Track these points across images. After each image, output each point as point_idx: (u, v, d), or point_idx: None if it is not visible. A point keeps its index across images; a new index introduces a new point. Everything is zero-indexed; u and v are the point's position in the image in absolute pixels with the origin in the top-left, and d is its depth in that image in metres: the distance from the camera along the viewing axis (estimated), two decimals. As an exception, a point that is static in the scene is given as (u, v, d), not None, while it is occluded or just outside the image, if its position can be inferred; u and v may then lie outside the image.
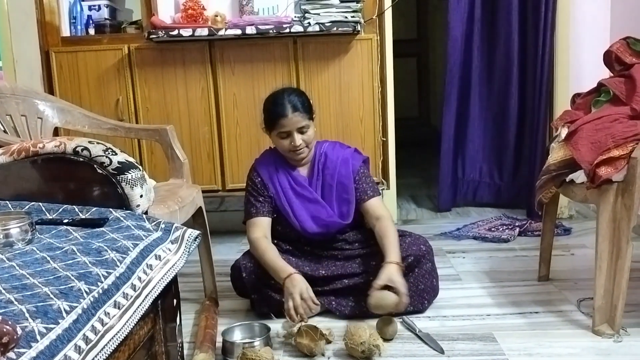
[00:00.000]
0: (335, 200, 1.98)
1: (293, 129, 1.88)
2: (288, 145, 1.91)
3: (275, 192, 1.97)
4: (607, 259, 1.69)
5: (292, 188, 1.98)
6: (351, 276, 1.93)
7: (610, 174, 1.64)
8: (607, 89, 1.88)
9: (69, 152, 1.38)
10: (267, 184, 1.97)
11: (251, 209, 1.97)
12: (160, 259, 1.23)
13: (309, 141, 1.93)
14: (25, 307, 0.85)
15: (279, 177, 1.98)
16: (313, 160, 2.01)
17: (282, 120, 1.87)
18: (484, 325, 1.83)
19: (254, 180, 1.99)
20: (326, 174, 1.99)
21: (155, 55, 2.67)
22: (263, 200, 1.97)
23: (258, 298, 1.93)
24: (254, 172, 2.01)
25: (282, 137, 1.90)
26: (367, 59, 2.67)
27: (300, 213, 1.97)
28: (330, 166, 1.99)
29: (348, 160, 2.00)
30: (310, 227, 1.96)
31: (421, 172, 4.41)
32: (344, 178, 1.98)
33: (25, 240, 1.15)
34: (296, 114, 1.87)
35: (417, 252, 1.93)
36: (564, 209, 3.01)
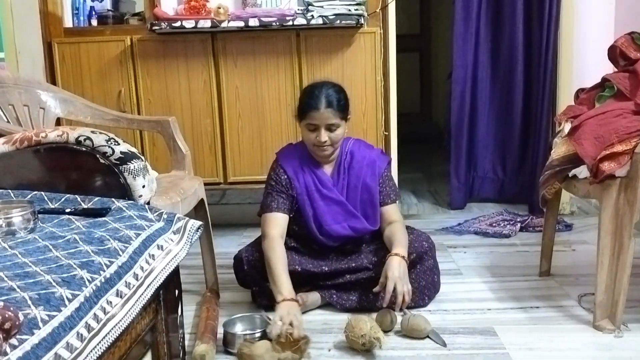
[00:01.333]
0: (359, 202, 1.94)
1: (322, 124, 1.83)
2: (313, 139, 1.86)
3: (300, 192, 1.92)
4: (609, 254, 1.69)
5: (318, 190, 1.92)
6: (354, 271, 1.92)
7: (613, 169, 1.64)
8: (611, 84, 1.87)
9: (72, 142, 1.38)
10: (293, 182, 1.92)
11: (272, 203, 1.91)
12: (163, 249, 1.23)
13: (335, 140, 1.87)
14: (28, 295, 0.85)
15: (304, 177, 1.92)
16: (338, 160, 1.96)
17: (312, 113, 1.83)
18: (484, 320, 1.83)
19: (279, 176, 1.93)
20: (351, 174, 1.94)
21: (158, 47, 2.67)
22: (285, 198, 1.91)
23: (259, 290, 1.93)
24: (280, 168, 1.94)
25: (310, 130, 1.86)
26: (370, 53, 2.66)
27: (325, 217, 1.92)
28: (356, 166, 1.95)
29: (375, 162, 1.97)
30: (335, 231, 1.92)
31: (422, 168, 4.41)
32: (370, 180, 1.94)
33: (28, 229, 1.15)
34: (329, 110, 1.82)
35: (420, 249, 1.93)
36: (565, 205, 3.01)
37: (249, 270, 1.93)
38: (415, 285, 1.89)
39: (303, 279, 1.90)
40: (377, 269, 1.85)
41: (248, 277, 1.95)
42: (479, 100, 3.12)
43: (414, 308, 1.88)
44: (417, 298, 1.90)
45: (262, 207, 1.95)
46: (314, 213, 1.92)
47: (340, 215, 1.93)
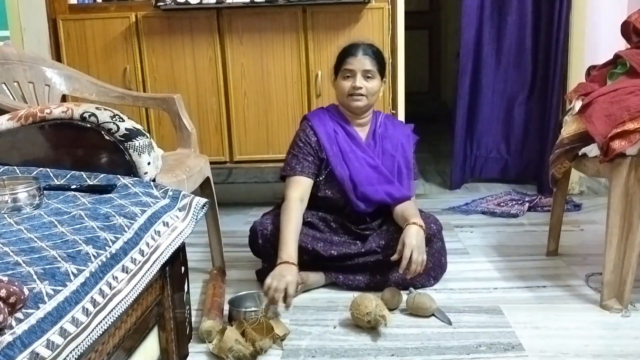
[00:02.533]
0: (396, 172, 1.95)
1: (358, 69, 1.85)
2: (348, 88, 1.86)
3: (332, 154, 1.89)
4: (618, 233, 1.67)
5: (353, 151, 1.90)
6: (362, 255, 1.91)
7: (624, 147, 1.61)
8: (624, 60, 1.83)
9: (77, 118, 1.37)
10: (323, 144, 1.89)
11: (296, 166, 1.88)
12: (168, 225, 1.23)
13: (371, 91, 1.88)
14: (33, 269, 0.85)
15: (337, 137, 1.91)
16: (372, 126, 1.97)
17: (349, 59, 1.86)
18: (490, 298, 1.83)
19: (309, 137, 1.90)
20: (387, 142, 1.96)
21: (163, 23, 2.64)
22: (312, 161, 1.89)
23: (268, 266, 1.92)
24: (310, 129, 1.91)
25: (345, 77, 1.87)
26: (378, 29, 2.62)
27: (360, 179, 1.89)
28: (392, 136, 1.97)
29: (410, 136, 2.03)
30: (370, 195, 1.90)
31: (430, 147, 4.37)
32: (408, 153, 1.99)
33: (33, 205, 1.15)
34: (366, 57, 1.86)
35: (428, 232, 1.89)
36: (574, 185, 2.98)
37: (263, 244, 1.91)
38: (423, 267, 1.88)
39: (310, 259, 1.90)
40: (385, 252, 1.85)
41: (262, 251, 1.93)
42: (485, 78, 3.07)
43: (420, 288, 1.88)
44: (423, 279, 1.90)
45: (286, 169, 1.91)
46: (350, 174, 1.90)
47: (374, 178, 1.92)
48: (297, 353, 1.53)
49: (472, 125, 3.17)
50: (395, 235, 1.86)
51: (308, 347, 1.56)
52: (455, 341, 1.57)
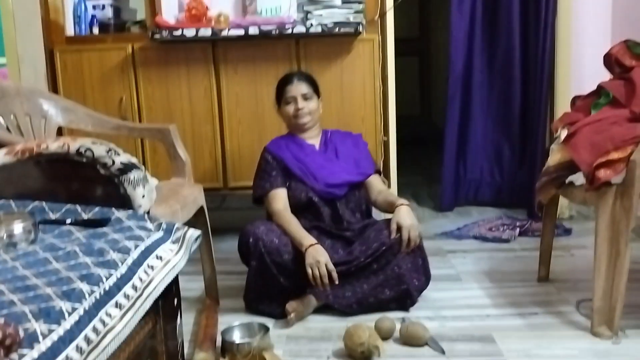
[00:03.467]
0: (352, 160, 2.15)
1: (297, 94, 2.11)
2: (292, 111, 2.11)
3: (287, 158, 2.10)
4: (606, 260, 1.70)
5: (305, 154, 2.13)
6: (344, 263, 1.93)
7: (609, 176, 1.65)
8: (607, 91, 1.88)
9: (73, 153, 1.39)
10: (278, 156, 2.11)
11: (265, 184, 2.08)
12: (162, 259, 1.24)
13: (312, 110, 2.13)
14: (28, 308, 0.87)
15: (290, 148, 2.13)
16: (323, 137, 2.20)
17: (288, 87, 2.13)
18: (483, 326, 1.84)
19: (266, 158, 2.14)
20: (338, 144, 2.18)
21: (159, 54, 2.69)
22: (276, 174, 2.09)
23: (257, 266, 1.92)
24: (265, 152, 2.16)
25: (288, 103, 2.13)
26: (368, 59, 2.68)
27: (317, 170, 2.09)
28: (341, 140, 2.21)
29: (358, 138, 2.27)
30: (331, 179, 2.07)
31: (423, 171, 4.42)
32: (359, 148, 2.21)
33: (29, 240, 1.17)
34: (301, 82, 2.14)
35: None
36: (564, 209, 3.02)
37: (254, 242, 1.92)
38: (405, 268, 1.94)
39: (295, 272, 1.91)
40: (366, 254, 1.93)
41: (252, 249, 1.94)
42: (474, 103, 3.13)
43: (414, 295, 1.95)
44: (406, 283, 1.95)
45: (258, 191, 2.12)
46: (308, 169, 2.09)
47: (329, 165, 2.12)
48: (290, 384, 1.54)
49: (463, 150, 3.21)
50: (375, 242, 1.94)
51: (301, 377, 1.57)
52: (448, 370, 1.58)
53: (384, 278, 1.92)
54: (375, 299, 1.92)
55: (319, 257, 1.86)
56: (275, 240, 1.94)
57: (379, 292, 1.92)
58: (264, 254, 1.91)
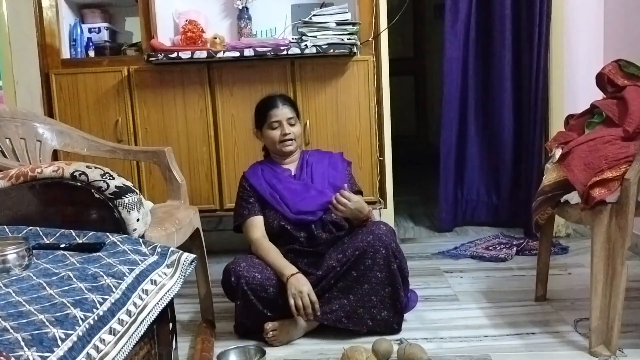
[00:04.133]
0: (328, 185, 2.08)
1: (283, 119, 2.06)
2: (279, 136, 2.06)
3: (261, 185, 2.07)
4: (602, 280, 1.70)
5: (278, 179, 2.09)
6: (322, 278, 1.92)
7: (604, 195, 1.66)
8: (600, 110, 1.90)
9: (67, 177, 1.40)
10: (253, 185, 2.09)
11: (244, 212, 2.07)
12: (156, 283, 1.24)
13: (296, 135, 2.09)
14: (21, 336, 0.86)
15: (264, 175, 2.11)
16: (300, 161, 2.15)
17: (273, 111, 2.06)
18: (481, 347, 1.82)
19: (243, 185, 2.12)
20: (316, 167, 2.12)
21: (155, 77, 2.70)
22: (253, 202, 2.07)
23: (242, 305, 1.91)
24: (243, 179, 2.14)
25: (273, 128, 2.06)
26: (363, 80, 2.70)
27: (289, 197, 2.05)
28: (319, 161, 2.15)
29: (337, 161, 2.18)
30: (304, 207, 2.03)
31: (419, 190, 4.42)
32: (337, 169, 2.14)
33: (22, 266, 1.16)
34: (286, 106, 2.08)
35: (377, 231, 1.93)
36: (561, 228, 3.02)
37: (236, 281, 1.90)
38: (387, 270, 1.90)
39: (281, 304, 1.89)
40: (342, 262, 1.91)
41: (235, 288, 1.91)
42: (469, 124, 3.15)
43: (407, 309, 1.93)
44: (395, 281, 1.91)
45: (237, 218, 2.10)
46: (280, 196, 2.05)
47: (304, 192, 2.07)
48: (286, 408, 1.52)
49: (460, 171, 3.21)
50: (349, 248, 1.93)
51: (298, 401, 1.55)
52: (446, 392, 1.57)
53: (369, 287, 1.89)
54: (364, 309, 1.89)
55: (301, 287, 1.84)
56: (258, 275, 1.90)
57: (366, 302, 1.89)
58: (247, 292, 1.88)
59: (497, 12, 3.02)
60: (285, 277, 1.87)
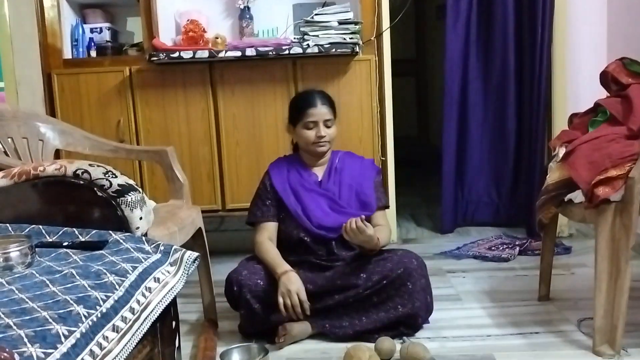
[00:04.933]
0: (354, 199, 2.01)
1: (320, 119, 1.95)
2: (313, 137, 1.96)
3: (284, 190, 2.00)
4: (606, 279, 1.69)
5: (302, 185, 2.01)
6: (341, 290, 1.90)
7: (608, 194, 1.65)
8: (604, 109, 1.89)
9: (70, 175, 1.39)
10: (277, 189, 2.01)
11: (257, 212, 2.02)
12: (159, 281, 1.23)
13: (332, 137, 1.99)
14: (24, 332, 0.85)
15: (289, 177, 2.03)
16: (330, 164, 2.06)
17: (310, 110, 1.95)
18: (484, 346, 1.82)
19: (264, 183, 2.05)
20: (344, 174, 2.04)
21: (157, 76, 2.70)
22: (269, 205, 2.01)
23: (246, 315, 1.90)
24: (266, 175, 2.06)
25: (309, 128, 1.96)
26: (365, 80, 2.70)
27: (312, 208, 1.97)
28: (349, 167, 2.05)
29: (367, 167, 2.09)
30: (324, 221, 1.95)
31: (421, 191, 4.42)
32: (366, 180, 2.04)
33: (25, 264, 1.15)
34: (325, 106, 1.97)
35: (408, 265, 1.89)
36: (564, 228, 3.01)
37: (238, 290, 1.89)
38: (410, 306, 1.87)
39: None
40: (366, 285, 1.87)
41: (238, 299, 1.91)
42: (471, 124, 3.15)
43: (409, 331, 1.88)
44: (411, 320, 1.89)
45: (250, 217, 2.06)
46: (301, 207, 1.98)
47: (327, 206, 1.99)
48: (290, 407, 1.51)
49: (461, 171, 3.21)
50: (369, 265, 1.89)
51: (301, 401, 1.54)
52: (450, 392, 1.56)
53: (385, 315, 1.85)
54: (371, 333, 1.86)
55: (290, 286, 1.79)
56: (260, 282, 1.88)
57: (379, 326, 1.86)
58: (249, 301, 1.86)
59: (499, 12, 3.02)
60: (277, 274, 1.84)
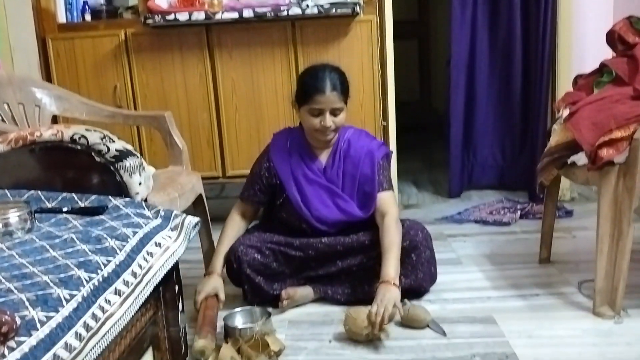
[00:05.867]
0: (356, 192, 1.91)
1: (327, 108, 1.80)
2: (317, 125, 1.82)
3: (285, 178, 1.90)
4: (608, 241, 1.69)
5: (304, 175, 1.91)
6: (344, 256, 1.90)
7: (611, 155, 1.63)
8: (610, 69, 1.86)
9: (67, 140, 1.38)
10: (275, 171, 1.91)
11: (245, 191, 1.98)
12: (160, 246, 1.23)
13: (339, 125, 1.85)
14: (25, 296, 0.85)
15: (291, 162, 1.91)
16: (335, 147, 1.93)
17: (318, 96, 1.79)
18: (484, 308, 1.83)
19: (261, 165, 1.94)
20: (348, 162, 1.91)
21: (152, 40, 2.65)
22: (257, 190, 1.94)
23: (249, 289, 1.91)
24: (266, 156, 1.95)
25: (313, 115, 1.82)
26: (366, 42, 2.64)
27: (313, 201, 1.90)
28: (353, 155, 1.92)
29: (373, 152, 1.93)
30: (325, 216, 1.90)
31: (423, 156, 4.40)
32: (368, 170, 1.90)
33: (25, 229, 1.15)
34: (334, 93, 1.80)
35: (414, 237, 1.88)
36: (565, 191, 3.00)
37: (237, 266, 1.88)
38: (413, 277, 1.88)
39: (295, 266, 1.90)
40: (368, 254, 1.86)
41: (241, 276, 1.91)
42: (477, 87, 3.11)
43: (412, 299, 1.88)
44: (414, 291, 1.90)
45: (242, 191, 2.00)
46: (302, 198, 1.90)
47: (329, 199, 1.91)
48: (292, 369, 1.53)
49: (467, 135, 3.18)
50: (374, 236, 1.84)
51: (304, 362, 1.56)
52: (450, 352, 1.58)
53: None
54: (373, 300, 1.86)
55: (198, 286, 1.82)
56: (258, 256, 1.87)
57: None
58: (250, 275, 1.86)
59: (505, -29, 2.94)
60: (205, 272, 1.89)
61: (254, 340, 1.54)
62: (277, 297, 1.88)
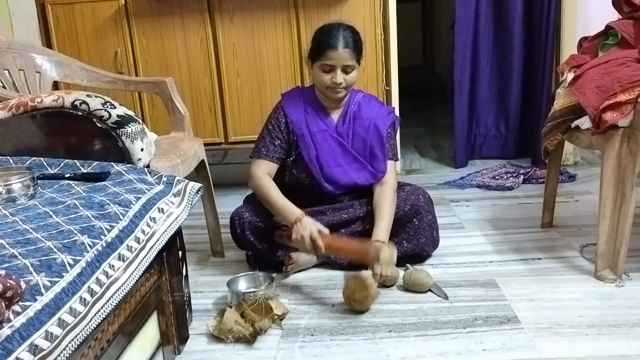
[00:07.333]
0: (368, 154, 1.93)
1: (339, 64, 1.80)
2: (328, 81, 1.82)
3: (301, 134, 1.89)
4: (611, 204, 1.69)
5: (321, 131, 1.90)
6: (347, 224, 1.92)
7: (616, 119, 1.62)
8: (615, 31, 1.82)
9: (68, 106, 1.37)
10: (293, 125, 1.90)
11: (262, 149, 1.90)
12: (163, 211, 1.24)
13: (350, 83, 1.84)
14: (29, 262, 0.86)
15: (307, 118, 1.90)
16: (345, 108, 1.94)
17: (330, 52, 1.78)
18: (486, 272, 1.85)
19: (279, 120, 1.91)
20: (357, 124, 1.92)
21: (152, 5, 2.61)
22: (279, 145, 1.90)
23: (253, 255, 1.93)
24: (281, 110, 1.92)
25: (325, 71, 1.81)
26: (369, 5, 2.59)
27: (326, 158, 1.91)
28: (364, 117, 1.92)
29: (385, 116, 1.95)
30: (336, 176, 1.91)
31: (425, 121, 4.38)
32: (382, 134, 1.92)
33: (28, 195, 1.16)
34: (347, 50, 1.79)
35: (416, 202, 1.90)
36: (569, 156, 2.99)
37: (241, 233, 1.91)
38: (415, 242, 1.90)
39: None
40: (370, 220, 1.87)
41: (243, 240, 1.94)
42: (480, 52, 3.05)
43: (415, 264, 1.90)
44: (416, 255, 1.92)
45: (254, 149, 1.94)
46: (317, 154, 1.91)
47: (341, 157, 1.92)
48: (296, 332, 1.56)
49: (472, 103, 3.13)
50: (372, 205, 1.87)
51: (307, 325, 1.59)
52: (452, 315, 1.60)
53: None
54: None
55: (303, 232, 1.72)
56: (261, 225, 1.88)
57: None
58: (254, 242, 1.89)
59: None
60: (290, 223, 1.77)
61: (258, 305, 1.57)
62: (280, 263, 1.90)
